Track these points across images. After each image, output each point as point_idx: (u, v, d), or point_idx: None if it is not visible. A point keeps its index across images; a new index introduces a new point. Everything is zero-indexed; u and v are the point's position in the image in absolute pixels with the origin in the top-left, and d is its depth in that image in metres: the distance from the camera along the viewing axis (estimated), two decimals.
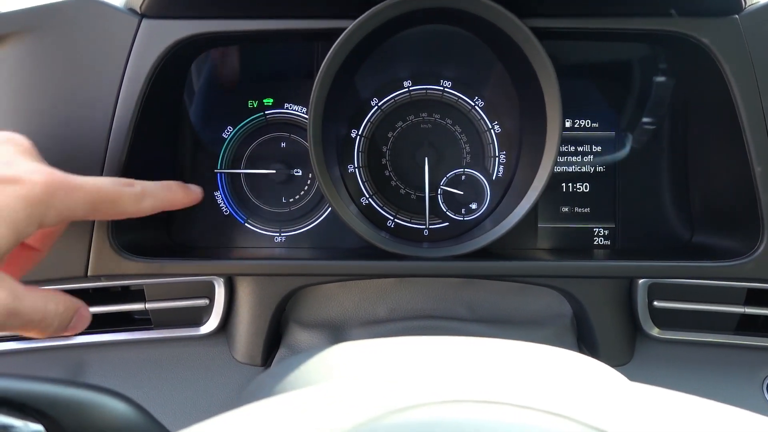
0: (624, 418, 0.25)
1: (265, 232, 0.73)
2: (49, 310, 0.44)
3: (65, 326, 0.46)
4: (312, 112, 0.60)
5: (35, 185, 0.42)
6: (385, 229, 0.73)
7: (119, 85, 0.59)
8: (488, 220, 0.71)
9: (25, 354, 0.69)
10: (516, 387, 0.27)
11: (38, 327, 0.44)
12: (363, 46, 0.62)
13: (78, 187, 0.45)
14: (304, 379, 0.38)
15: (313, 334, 0.71)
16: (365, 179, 0.73)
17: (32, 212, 0.42)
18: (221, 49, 0.71)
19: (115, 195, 0.48)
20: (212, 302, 0.69)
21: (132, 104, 0.59)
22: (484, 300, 0.72)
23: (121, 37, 0.60)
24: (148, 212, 0.52)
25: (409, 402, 0.25)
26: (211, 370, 0.69)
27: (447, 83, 0.72)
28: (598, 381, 0.38)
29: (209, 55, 0.71)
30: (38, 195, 0.42)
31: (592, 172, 0.73)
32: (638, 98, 0.72)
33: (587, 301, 0.70)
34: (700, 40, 0.59)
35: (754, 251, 0.61)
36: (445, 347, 0.42)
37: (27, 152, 0.47)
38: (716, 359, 0.70)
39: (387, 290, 0.73)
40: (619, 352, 0.71)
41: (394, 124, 0.72)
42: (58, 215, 0.44)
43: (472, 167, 0.72)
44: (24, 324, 0.43)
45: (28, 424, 0.33)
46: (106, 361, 0.69)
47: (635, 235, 0.72)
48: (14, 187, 0.41)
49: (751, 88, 0.58)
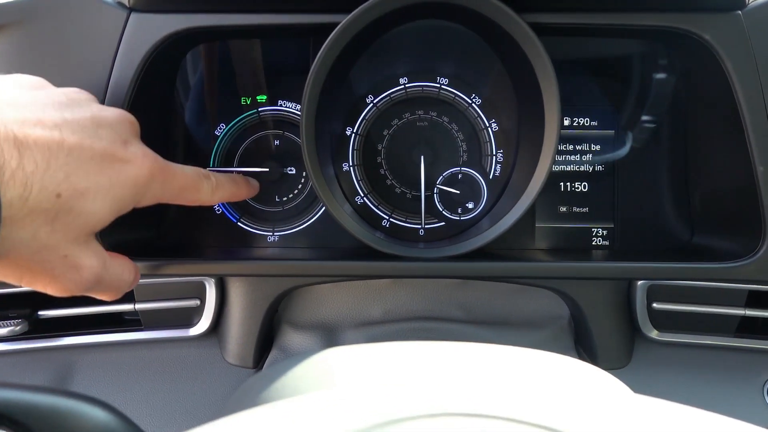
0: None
1: (258, 232, 0.72)
2: (124, 279, 0.49)
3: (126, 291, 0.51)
4: (305, 108, 0.59)
5: (143, 168, 0.45)
6: (380, 228, 0.72)
7: (107, 82, 0.58)
8: (485, 220, 0.70)
9: (12, 355, 0.68)
10: (511, 399, 0.26)
11: (113, 292, 0.49)
12: (358, 42, 0.61)
13: (174, 175, 0.49)
14: (293, 385, 0.37)
15: (307, 336, 0.70)
16: (360, 178, 0.71)
17: (136, 192, 0.45)
18: (213, 45, 0.70)
19: (198, 185, 0.53)
20: (203, 303, 0.68)
21: (120, 101, 0.58)
22: (479, 301, 0.71)
23: (109, 32, 0.58)
24: (217, 202, 0.59)
25: (399, 415, 0.24)
26: (202, 373, 0.67)
27: (444, 80, 0.70)
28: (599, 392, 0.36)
29: (200, 50, 0.70)
30: (144, 177, 0.45)
31: (590, 172, 0.71)
32: (638, 96, 0.71)
33: (585, 303, 0.69)
34: (702, 37, 0.57)
35: (755, 252, 0.59)
36: (439, 354, 0.41)
37: (136, 132, 0.49)
38: (716, 362, 0.69)
39: (381, 291, 0.71)
40: (618, 355, 0.70)
41: (389, 121, 0.71)
42: (153, 198, 0.48)
43: (469, 166, 0.71)
44: (104, 289, 0.47)
45: None
46: (95, 363, 0.68)
47: (634, 236, 0.71)
48: (128, 167, 0.44)
49: (753, 85, 0.57)
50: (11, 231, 0.38)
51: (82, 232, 0.42)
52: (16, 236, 0.38)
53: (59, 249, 0.41)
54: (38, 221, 0.39)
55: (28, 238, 0.39)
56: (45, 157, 0.39)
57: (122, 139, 0.45)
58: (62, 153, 0.40)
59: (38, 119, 0.40)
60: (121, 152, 0.44)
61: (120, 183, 0.43)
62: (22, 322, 0.67)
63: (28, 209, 0.38)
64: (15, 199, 0.37)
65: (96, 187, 0.41)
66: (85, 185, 0.41)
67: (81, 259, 0.43)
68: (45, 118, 0.40)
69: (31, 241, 0.39)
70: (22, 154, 0.38)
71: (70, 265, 0.42)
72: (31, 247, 0.39)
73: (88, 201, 0.41)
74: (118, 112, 0.48)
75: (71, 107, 0.44)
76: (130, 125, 0.48)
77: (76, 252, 0.42)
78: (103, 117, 0.45)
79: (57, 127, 0.40)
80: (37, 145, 0.39)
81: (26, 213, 0.38)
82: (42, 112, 0.41)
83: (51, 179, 0.39)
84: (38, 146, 0.39)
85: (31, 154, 0.38)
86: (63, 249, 0.41)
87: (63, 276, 0.42)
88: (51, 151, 0.39)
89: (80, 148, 0.41)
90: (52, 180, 0.39)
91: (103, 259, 0.45)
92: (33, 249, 0.40)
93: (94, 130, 0.43)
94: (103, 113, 0.46)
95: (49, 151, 0.39)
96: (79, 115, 0.43)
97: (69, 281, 0.43)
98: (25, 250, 0.39)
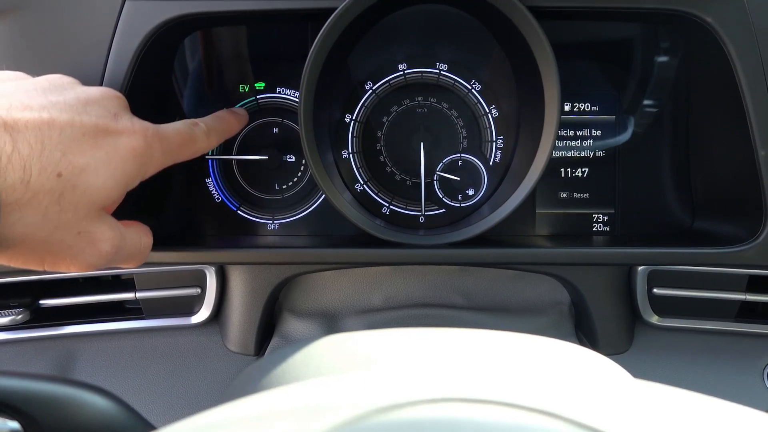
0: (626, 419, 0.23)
1: (258, 220, 0.72)
2: (143, 244, 0.50)
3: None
4: (303, 94, 0.58)
5: (137, 137, 0.45)
6: (380, 216, 0.71)
7: (103, 70, 0.58)
8: (485, 207, 0.70)
9: (13, 344, 0.68)
10: (510, 384, 0.25)
11: (136, 259, 0.50)
12: (356, 27, 0.60)
13: (168, 135, 0.49)
14: (292, 372, 0.37)
15: (307, 323, 0.70)
16: (359, 165, 0.71)
17: (138, 162, 0.45)
18: (210, 31, 0.69)
19: (193, 135, 0.52)
20: (204, 291, 0.68)
21: (117, 89, 0.57)
22: (480, 288, 0.71)
23: (105, 19, 0.58)
24: (214, 145, 0.57)
25: (399, 399, 0.24)
26: (204, 360, 0.68)
27: (443, 66, 0.70)
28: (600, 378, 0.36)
29: (198, 37, 0.69)
30: (143, 147, 0.45)
31: (591, 157, 0.71)
32: (639, 81, 0.70)
33: (585, 289, 0.69)
34: (704, 19, 0.57)
35: (756, 237, 0.59)
36: (439, 340, 0.41)
37: (125, 106, 0.49)
38: (716, 347, 0.69)
39: (382, 278, 0.71)
40: (618, 340, 0.70)
41: (388, 108, 0.71)
42: (157, 165, 0.48)
43: (469, 152, 0.71)
44: (126, 258, 0.48)
45: (6, 422, 0.32)
46: (97, 351, 0.68)
47: (635, 221, 0.71)
48: (122, 139, 0.44)
49: (755, 69, 0.57)
50: (21, 216, 0.39)
51: (92, 208, 0.42)
52: (27, 220, 0.39)
53: (72, 226, 0.42)
54: (45, 202, 0.39)
55: (39, 221, 0.40)
56: (38, 139, 0.39)
57: (112, 113, 0.46)
58: (54, 132, 0.40)
59: (24, 104, 0.41)
60: (112, 125, 0.44)
61: (118, 155, 0.44)
62: (24, 311, 0.67)
63: (32, 192, 0.39)
64: (17, 182, 0.38)
65: (95, 161, 0.42)
66: (84, 161, 0.41)
67: (96, 234, 0.43)
68: (31, 102, 0.41)
69: (42, 223, 0.40)
70: (15, 138, 0.38)
71: (86, 240, 0.43)
72: (44, 228, 0.40)
73: (90, 176, 0.41)
74: (103, 89, 0.48)
75: (55, 91, 0.44)
76: (117, 99, 0.48)
77: (89, 227, 0.43)
78: (89, 95, 0.46)
79: (44, 108, 0.41)
80: (28, 128, 0.39)
81: (31, 196, 0.39)
82: (27, 97, 0.42)
83: (48, 159, 0.39)
84: (29, 129, 0.39)
85: (24, 137, 0.39)
86: (76, 226, 0.42)
87: (82, 252, 0.43)
88: (43, 132, 0.40)
89: (71, 125, 0.42)
90: (49, 160, 0.39)
91: (119, 229, 0.46)
92: (46, 230, 0.40)
93: (82, 107, 0.44)
94: (89, 92, 0.46)
95: (41, 132, 0.40)
96: (64, 97, 0.44)
97: (90, 256, 0.43)
98: (39, 233, 0.40)
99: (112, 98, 0.48)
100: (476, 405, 0.23)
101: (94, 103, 0.45)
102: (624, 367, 0.44)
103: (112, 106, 0.47)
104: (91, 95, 0.46)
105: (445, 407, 0.23)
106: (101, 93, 0.47)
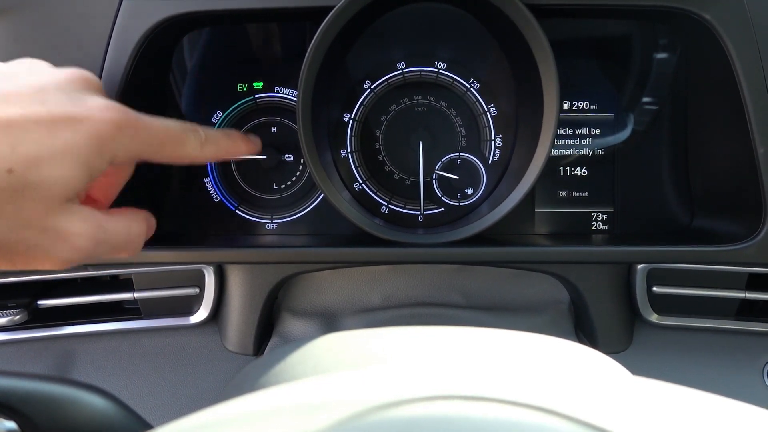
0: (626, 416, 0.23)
1: (257, 219, 0.72)
2: (133, 232, 0.47)
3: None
4: (301, 93, 0.58)
5: (105, 122, 0.42)
6: (379, 215, 0.71)
7: (101, 69, 0.57)
8: (484, 205, 0.70)
9: (11, 345, 0.68)
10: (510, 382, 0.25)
11: (126, 249, 0.46)
12: (354, 26, 0.60)
13: (146, 126, 0.45)
14: (291, 371, 0.37)
15: (306, 323, 0.70)
16: (358, 164, 0.71)
17: (103, 149, 0.42)
18: (208, 30, 0.69)
19: (182, 137, 0.49)
20: (202, 291, 0.67)
21: (114, 88, 0.57)
22: (479, 286, 0.71)
23: (102, 18, 0.57)
24: (210, 159, 0.52)
25: (397, 397, 0.24)
26: (202, 360, 0.68)
27: (442, 65, 0.70)
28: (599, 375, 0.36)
29: (196, 36, 0.69)
30: (108, 131, 0.42)
31: (590, 156, 0.71)
32: (638, 78, 0.70)
33: (585, 287, 0.69)
34: (702, 16, 0.57)
35: (755, 235, 0.59)
36: (438, 338, 0.41)
37: (95, 88, 0.46)
38: (716, 345, 0.69)
39: (381, 277, 0.71)
40: (618, 339, 0.70)
41: (387, 107, 0.71)
42: (127, 153, 0.44)
43: (468, 151, 0.70)
44: (111, 250, 0.45)
45: (3, 422, 0.31)
46: (95, 352, 0.68)
47: (634, 220, 0.71)
48: (84, 124, 0.41)
49: (754, 66, 0.57)
50: None
51: (53, 202, 0.40)
52: None
53: (34, 224, 0.39)
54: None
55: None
56: None
57: (73, 98, 0.43)
58: (1, 125, 0.38)
59: None
60: (72, 111, 0.41)
61: (80, 142, 0.41)
62: (22, 311, 0.67)
63: None
64: None
65: (49, 152, 0.39)
66: (36, 153, 0.39)
67: (66, 228, 0.41)
68: None
69: (1, 224, 0.38)
70: None
71: (54, 237, 0.40)
72: (3, 229, 0.38)
73: (44, 168, 0.39)
74: (68, 71, 0.45)
75: (8, 80, 0.42)
76: (83, 81, 0.45)
77: (55, 222, 0.40)
78: (48, 81, 0.43)
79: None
80: None
81: None
82: None
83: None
84: None
85: None
86: (39, 222, 0.40)
87: (53, 249, 0.41)
88: None
89: (22, 117, 0.39)
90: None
91: (96, 220, 0.43)
92: (4, 231, 0.38)
93: (35, 96, 0.41)
94: (49, 77, 0.44)
95: None
96: (15, 85, 0.41)
97: (63, 252, 0.41)
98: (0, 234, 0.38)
99: (76, 81, 0.45)
100: (475, 403, 0.23)
101: (51, 89, 0.42)
102: (624, 365, 0.44)
103: (75, 89, 0.44)
104: (50, 81, 0.43)
105: (444, 405, 0.23)
106: (64, 76, 0.44)
